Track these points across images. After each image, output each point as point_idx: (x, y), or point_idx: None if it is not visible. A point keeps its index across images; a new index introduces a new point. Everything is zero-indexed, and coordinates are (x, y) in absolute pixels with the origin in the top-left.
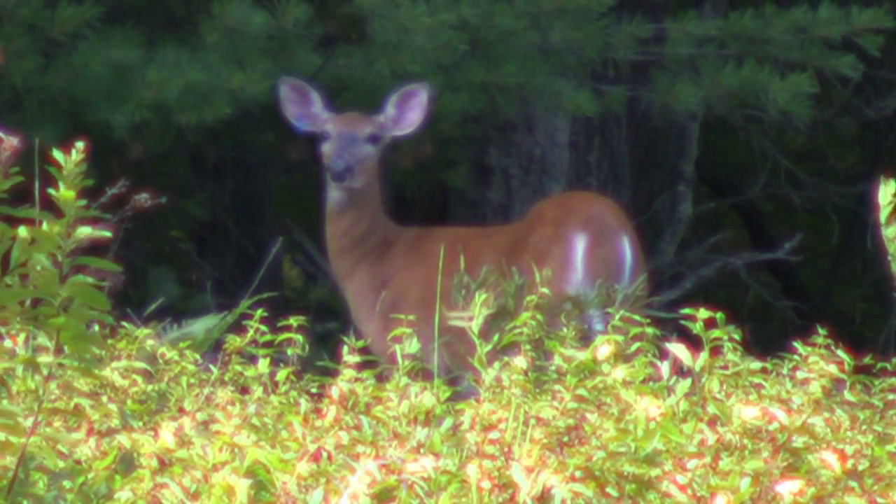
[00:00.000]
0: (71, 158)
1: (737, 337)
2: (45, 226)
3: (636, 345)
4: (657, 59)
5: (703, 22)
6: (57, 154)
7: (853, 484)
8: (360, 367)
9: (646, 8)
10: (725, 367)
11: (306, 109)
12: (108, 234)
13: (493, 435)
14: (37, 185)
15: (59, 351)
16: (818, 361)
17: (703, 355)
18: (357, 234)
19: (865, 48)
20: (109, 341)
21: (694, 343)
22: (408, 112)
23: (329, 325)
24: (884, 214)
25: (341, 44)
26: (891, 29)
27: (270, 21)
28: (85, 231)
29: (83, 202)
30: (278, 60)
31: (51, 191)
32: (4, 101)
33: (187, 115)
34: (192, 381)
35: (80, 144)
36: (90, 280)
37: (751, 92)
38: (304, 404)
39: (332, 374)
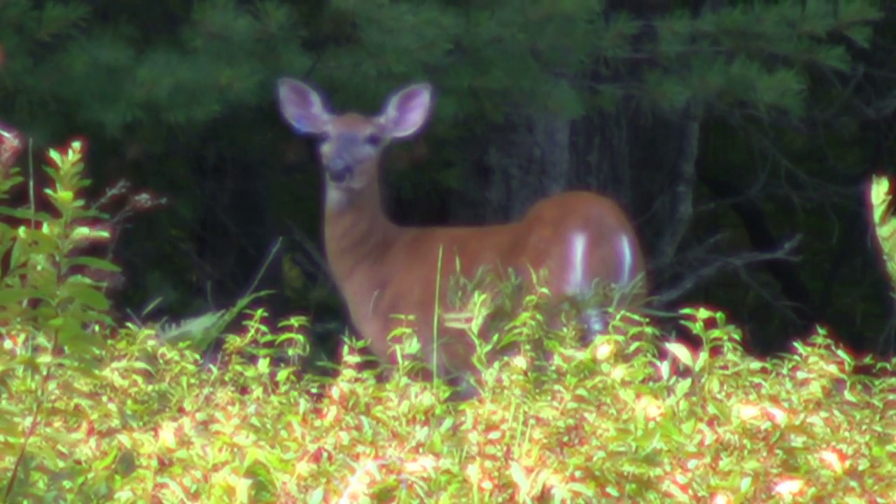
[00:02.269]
0: (67, 159)
1: (737, 337)
2: (45, 227)
3: (636, 344)
4: (650, 57)
5: (695, 19)
6: (54, 154)
7: (853, 484)
8: (361, 367)
9: (636, 6)
10: (725, 367)
11: (306, 111)
12: (105, 234)
13: (494, 435)
14: (31, 184)
15: (58, 351)
16: (818, 361)
17: (703, 355)
18: (356, 235)
19: (855, 40)
20: (109, 341)
21: (694, 343)
22: (409, 113)
23: (329, 325)
24: (877, 213)
25: (330, 45)
26: (878, 19)
27: (254, 25)
28: (82, 232)
29: (80, 202)
30: (266, 63)
31: (48, 191)
32: None
33: (177, 114)
34: (192, 381)
35: (76, 144)
36: (87, 280)
37: (740, 89)
38: (304, 404)
39: (332, 374)
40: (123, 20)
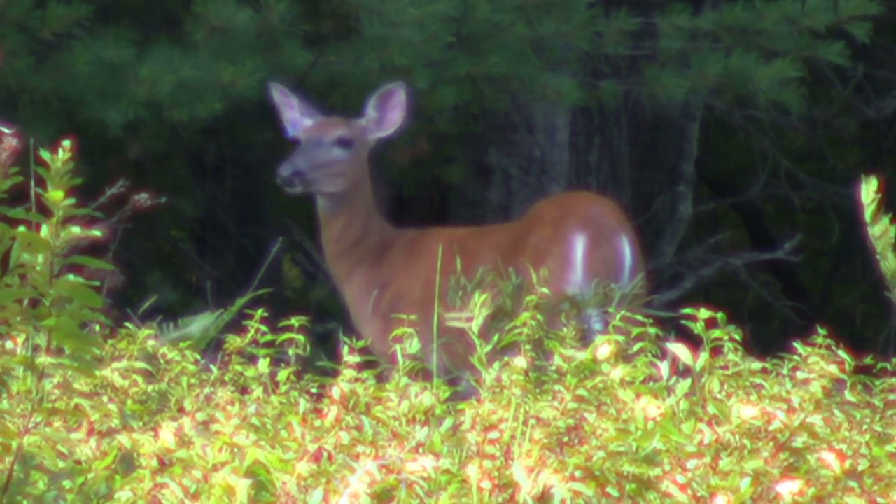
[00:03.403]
0: (58, 157)
1: (737, 337)
2: (44, 228)
3: (638, 345)
4: (651, 53)
5: (695, 16)
6: (44, 154)
7: (853, 484)
8: (361, 367)
9: (636, 3)
10: (725, 367)
11: (291, 115)
12: (98, 233)
13: (493, 435)
14: (32, 184)
15: (56, 351)
16: (818, 361)
17: (704, 355)
18: (351, 238)
19: (855, 35)
20: (110, 341)
21: (694, 343)
22: (388, 112)
23: (329, 325)
24: (868, 212)
25: (332, 40)
26: (877, 15)
27: (256, 18)
28: (74, 231)
29: (72, 201)
30: (268, 58)
31: (38, 190)
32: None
33: (179, 112)
34: (192, 381)
35: (66, 143)
36: (81, 280)
37: (738, 81)
38: (304, 404)
39: (333, 374)
40: (124, 19)
